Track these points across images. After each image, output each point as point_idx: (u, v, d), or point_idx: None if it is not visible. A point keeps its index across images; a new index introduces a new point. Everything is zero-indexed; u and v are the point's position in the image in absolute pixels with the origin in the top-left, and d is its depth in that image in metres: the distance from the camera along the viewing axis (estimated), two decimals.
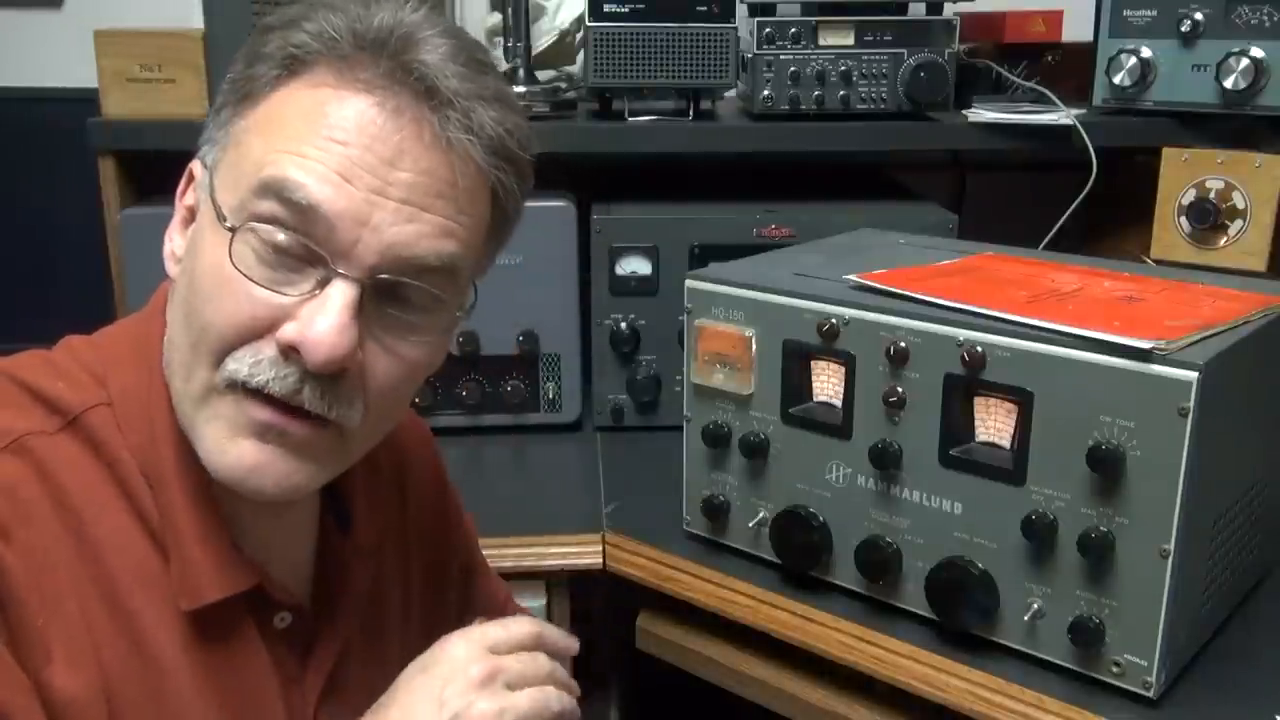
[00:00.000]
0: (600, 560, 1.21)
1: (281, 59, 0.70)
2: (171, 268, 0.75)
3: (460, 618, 1.01)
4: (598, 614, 1.41)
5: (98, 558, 0.70)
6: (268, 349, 0.68)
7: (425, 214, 0.69)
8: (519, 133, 0.74)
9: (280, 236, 0.67)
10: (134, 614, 0.70)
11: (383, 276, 0.69)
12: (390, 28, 0.70)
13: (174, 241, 0.76)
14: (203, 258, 0.70)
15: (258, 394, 0.68)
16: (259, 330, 0.68)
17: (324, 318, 0.67)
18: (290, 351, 0.67)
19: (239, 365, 0.68)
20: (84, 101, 1.56)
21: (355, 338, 0.68)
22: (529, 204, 0.80)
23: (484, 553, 1.09)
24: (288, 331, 0.67)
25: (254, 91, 0.71)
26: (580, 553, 1.21)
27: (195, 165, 0.75)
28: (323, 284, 0.68)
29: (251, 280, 0.67)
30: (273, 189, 0.67)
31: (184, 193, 0.76)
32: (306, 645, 0.80)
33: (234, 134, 0.72)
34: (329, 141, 0.67)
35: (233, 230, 0.68)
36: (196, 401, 0.70)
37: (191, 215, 0.75)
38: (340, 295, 0.67)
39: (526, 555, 1.21)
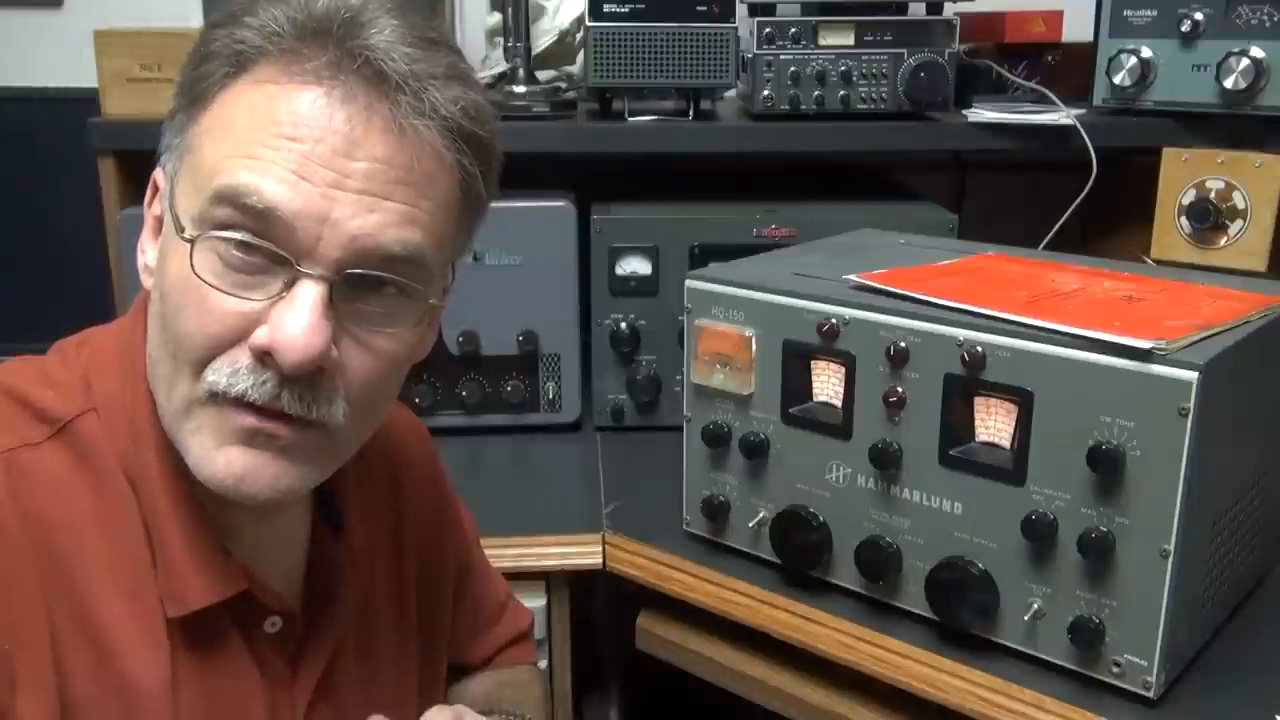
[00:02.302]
0: (600, 560, 1.21)
1: (227, 57, 0.69)
2: (145, 279, 0.74)
3: (457, 617, 1.01)
4: (598, 614, 1.41)
5: (73, 574, 0.69)
6: (244, 357, 0.67)
7: (386, 202, 0.68)
8: (476, 109, 0.71)
9: (241, 242, 0.66)
10: (110, 630, 0.70)
11: (350, 271, 0.68)
12: (332, 14, 0.68)
13: (146, 254, 0.75)
14: (170, 269, 0.69)
15: (239, 402, 0.67)
16: (232, 338, 0.67)
17: (294, 319, 0.66)
18: (265, 356, 0.66)
19: (217, 376, 0.67)
20: (84, 101, 1.56)
21: (328, 336, 0.67)
22: (529, 204, 0.79)
23: (484, 553, 1.09)
24: (259, 337, 0.66)
25: (204, 92, 0.70)
26: (580, 553, 1.21)
27: (158, 174, 0.74)
28: (289, 285, 0.67)
29: (218, 289, 0.66)
30: (227, 197, 0.66)
31: (150, 202, 0.75)
32: (298, 649, 0.80)
33: (189, 139, 0.70)
34: (280, 139, 0.66)
35: (192, 241, 0.67)
36: (180, 414, 0.69)
37: (159, 225, 0.74)
38: (308, 295, 0.66)
39: (526, 555, 1.21)
